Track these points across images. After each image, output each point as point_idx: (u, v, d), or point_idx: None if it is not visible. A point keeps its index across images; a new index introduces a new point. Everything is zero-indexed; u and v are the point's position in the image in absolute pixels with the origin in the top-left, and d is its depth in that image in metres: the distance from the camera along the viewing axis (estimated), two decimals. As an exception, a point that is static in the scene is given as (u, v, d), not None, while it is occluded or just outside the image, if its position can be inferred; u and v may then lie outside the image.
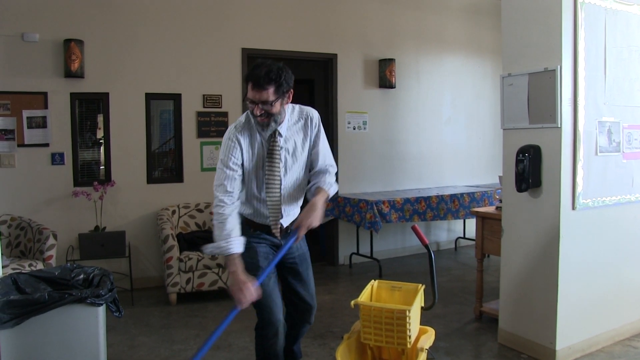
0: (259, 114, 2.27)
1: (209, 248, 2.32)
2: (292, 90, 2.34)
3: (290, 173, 2.46)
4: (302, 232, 2.36)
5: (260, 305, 2.38)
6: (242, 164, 2.38)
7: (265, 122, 2.31)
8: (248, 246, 2.39)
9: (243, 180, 2.41)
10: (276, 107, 2.28)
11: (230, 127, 2.43)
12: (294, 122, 2.46)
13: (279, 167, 2.39)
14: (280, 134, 2.39)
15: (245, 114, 2.45)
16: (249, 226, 2.47)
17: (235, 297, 2.19)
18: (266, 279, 2.36)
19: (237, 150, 2.35)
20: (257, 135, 2.39)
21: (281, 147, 2.40)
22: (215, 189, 2.35)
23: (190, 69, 5.10)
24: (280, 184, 2.41)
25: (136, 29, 4.88)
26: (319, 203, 2.39)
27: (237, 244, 2.27)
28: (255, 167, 2.40)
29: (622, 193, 3.44)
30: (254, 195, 2.45)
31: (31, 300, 2.42)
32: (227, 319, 2.20)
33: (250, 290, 2.18)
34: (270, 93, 2.23)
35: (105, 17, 4.76)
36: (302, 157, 2.49)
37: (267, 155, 2.38)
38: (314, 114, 2.52)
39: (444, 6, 6.53)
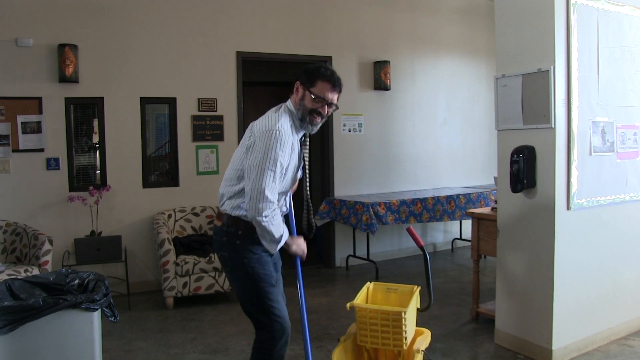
0: (326, 113, 2.34)
1: (281, 243, 2.34)
2: None
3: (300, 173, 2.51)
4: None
5: (274, 317, 2.33)
6: (287, 165, 2.32)
7: (317, 124, 2.36)
8: (258, 256, 2.34)
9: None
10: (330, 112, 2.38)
11: (279, 125, 2.25)
12: None
13: (303, 168, 2.46)
14: (308, 137, 2.45)
15: (283, 112, 2.34)
16: (254, 233, 2.30)
17: (302, 256, 2.45)
18: (278, 289, 2.41)
19: (289, 149, 2.28)
20: (296, 135, 2.37)
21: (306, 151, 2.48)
22: (268, 189, 2.19)
23: (185, 72, 5.10)
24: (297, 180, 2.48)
25: (131, 33, 4.88)
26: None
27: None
28: (292, 168, 2.37)
29: (617, 193, 3.45)
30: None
31: (25, 306, 2.40)
32: (299, 272, 2.52)
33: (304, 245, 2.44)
34: (338, 97, 2.35)
35: (100, 22, 4.76)
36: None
37: (301, 157, 2.42)
38: None
39: (438, 8, 6.55)
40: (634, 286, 3.65)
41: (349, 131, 5.96)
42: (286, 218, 2.51)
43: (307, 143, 2.45)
